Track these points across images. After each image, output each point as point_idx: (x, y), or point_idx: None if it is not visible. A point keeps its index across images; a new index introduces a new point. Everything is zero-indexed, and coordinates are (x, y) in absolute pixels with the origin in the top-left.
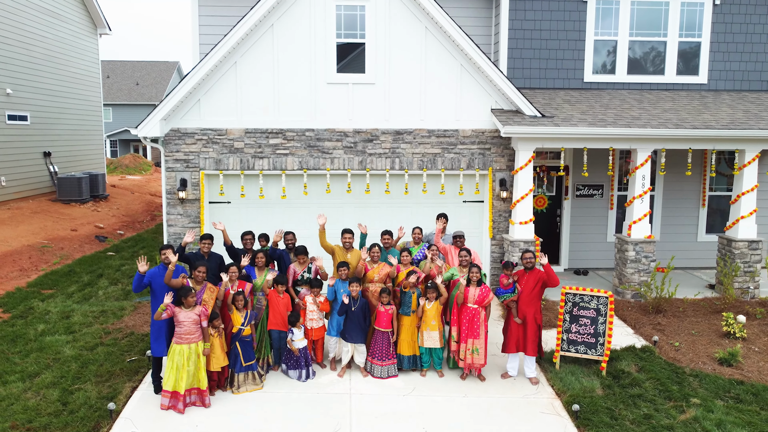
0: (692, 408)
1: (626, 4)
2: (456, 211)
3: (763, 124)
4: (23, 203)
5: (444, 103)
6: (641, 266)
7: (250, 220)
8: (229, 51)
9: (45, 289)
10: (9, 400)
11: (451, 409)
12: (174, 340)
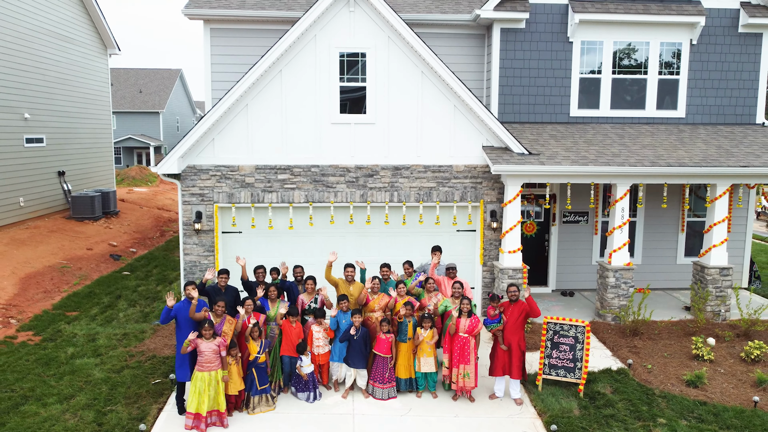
0: (659, 427)
1: (609, 44)
2: (450, 240)
3: (733, 161)
4: (40, 222)
5: (439, 140)
6: (621, 291)
7: (260, 248)
8: (241, 95)
9: (69, 311)
10: (51, 422)
11: (444, 429)
12: (196, 368)
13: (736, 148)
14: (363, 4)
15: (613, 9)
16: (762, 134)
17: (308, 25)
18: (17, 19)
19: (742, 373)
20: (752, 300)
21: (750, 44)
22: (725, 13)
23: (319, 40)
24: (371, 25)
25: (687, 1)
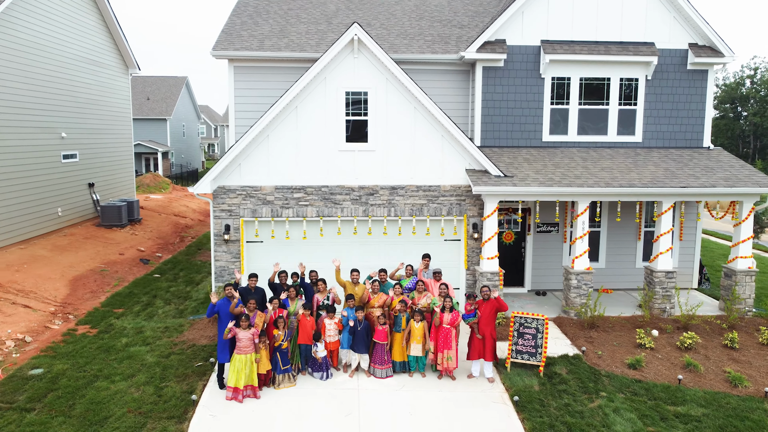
0: (599, 399)
1: (575, 80)
2: (438, 248)
3: (675, 183)
4: (75, 229)
5: (429, 164)
6: (582, 291)
7: (278, 255)
8: (263, 128)
9: (116, 309)
10: (120, 394)
11: (430, 400)
12: (235, 351)
13: (680, 171)
14: (365, 51)
15: (578, 50)
16: (706, 157)
17: (320, 70)
18: (57, 49)
19: (675, 358)
20: (697, 298)
21: (697, 79)
22: (675, 53)
23: (329, 82)
24: (372, 69)
25: (642, 43)
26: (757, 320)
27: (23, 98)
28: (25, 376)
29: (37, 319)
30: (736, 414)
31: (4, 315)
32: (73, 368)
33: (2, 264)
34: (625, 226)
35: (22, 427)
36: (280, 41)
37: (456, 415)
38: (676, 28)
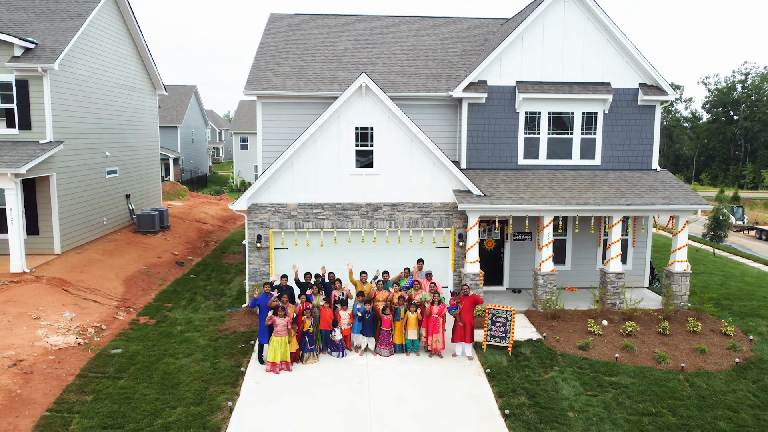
0: (553, 372)
1: (545, 113)
2: (431, 254)
3: (623, 201)
4: (116, 236)
5: (423, 185)
6: (547, 289)
7: (300, 259)
8: (288, 157)
9: (166, 303)
10: (184, 367)
11: (423, 373)
12: (273, 334)
13: (629, 190)
14: (371, 95)
15: (547, 89)
16: (652, 178)
17: (334, 110)
18: (103, 79)
19: (617, 342)
20: (646, 294)
21: (646, 113)
22: (628, 91)
23: (342, 120)
24: (376, 109)
25: (600, 83)
26: (689, 313)
27: (80, 124)
28: (109, 354)
29: (106, 312)
30: (656, 383)
31: (81, 308)
32: (144, 348)
33: (68, 266)
34: (588, 234)
35: (117, 389)
36: (299, 80)
37: (442, 383)
38: (628, 70)
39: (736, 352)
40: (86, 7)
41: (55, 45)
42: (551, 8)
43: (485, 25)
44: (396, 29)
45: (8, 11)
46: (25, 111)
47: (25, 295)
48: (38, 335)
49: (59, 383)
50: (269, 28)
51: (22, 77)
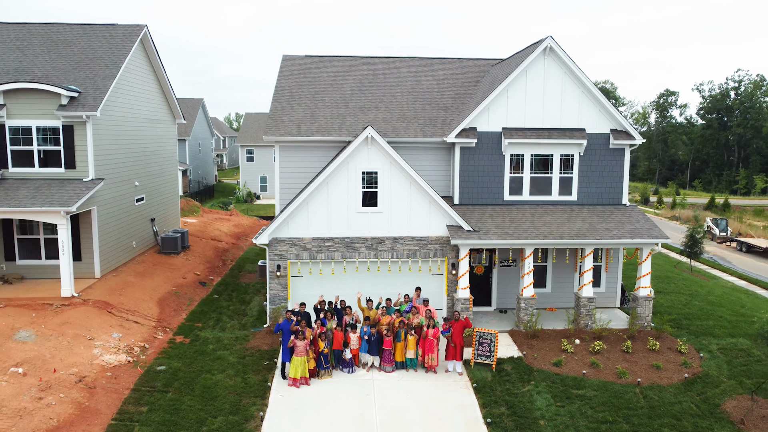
0: (529, 385)
1: (528, 156)
2: (427, 281)
3: (594, 235)
4: (144, 257)
5: (421, 221)
6: (528, 312)
7: (315, 286)
8: (304, 198)
9: (196, 323)
10: (221, 382)
11: (420, 386)
12: (294, 354)
13: (600, 225)
14: (375, 144)
15: (529, 135)
16: (622, 212)
17: (344, 158)
18: (133, 116)
19: (586, 359)
20: (617, 315)
21: (617, 155)
22: (601, 136)
23: (350, 165)
24: (380, 156)
25: (576, 129)
26: (651, 332)
27: (115, 160)
28: (155, 371)
29: (147, 332)
30: (615, 395)
31: (125, 329)
32: (184, 366)
33: (108, 289)
34: (565, 261)
35: (166, 401)
36: (311, 125)
37: (436, 396)
38: (601, 118)
39: (687, 368)
40: (120, 54)
41: (96, 93)
42: (533, 65)
43: (477, 66)
44: (397, 71)
45: (51, 59)
46: (71, 152)
47: (77, 317)
48: (95, 354)
49: (118, 396)
50: (282, 70)
51: (68, 123)
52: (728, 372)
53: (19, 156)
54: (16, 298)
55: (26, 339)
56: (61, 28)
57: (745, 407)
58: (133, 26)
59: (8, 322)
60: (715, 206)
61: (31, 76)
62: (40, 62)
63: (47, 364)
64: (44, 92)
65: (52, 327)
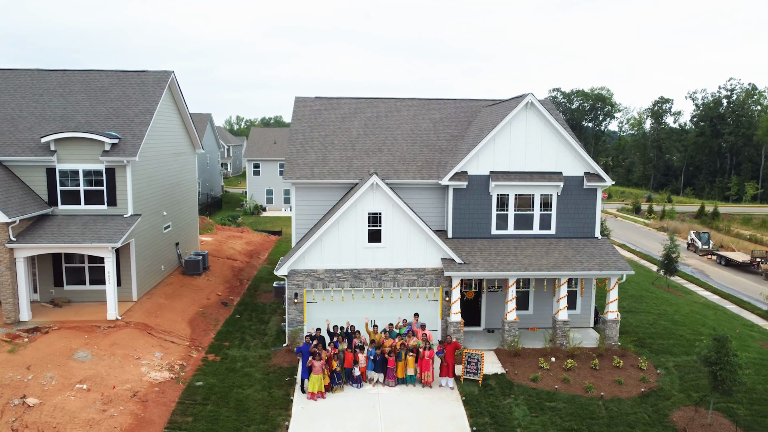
0: (509, 398)
1: (512, 195)
2: (425, 306)
3: (567, 267)
4: (171, 279)
5: (419, 255)
6: (511, 333)
7: (327, 311)
8: (319, 236)
9: (224, 342)
10: (251, 396)
11: (417, 399)
12: (312, 372)
13: (574, 257)
14: (379, 190)
15: (513, 178)
16: (594, 245)
17: (353, 202)
18: (161, 153)
19: (559, 375)
20: (590, 334)
21: (590, 194)
22: (576, 179)
23: (358, 208)
24: (384, 199)
25: (555, 172)
26: (617, 351)
27: (149, 195)
28: (195, 386)
29: (183, 351)
30: (581, 407)
31: (164, 349)
32: (218, 381)
33: (145, 312)
34: (544, 287)
35: (207, 412)
36: (323, 168)
37: (431, 407)
38: (576, 163)
39: (645, 383)
40: (152, 101)
41: (134, 139)
42: (516, 117)
43: (470, 107)
44: (397, 112)
45: (92, 105)
46: (112, 192)
47: (123, 339)
48: (143, 372)
49: (167, 408)
50: (296, 112)
51: (110, 166)
52: (679, 386)
53: (67, 195)
54: (67, 321)
55: (84, 359)
56: (98, 75)
57: (689, 417)
58: (161, 72)
59: (66, 344)
60: (705, 215)
61: (75, 122)
62: (82, 108)
63: (105, 381)
64: (90, 140)
65: (103, 348)
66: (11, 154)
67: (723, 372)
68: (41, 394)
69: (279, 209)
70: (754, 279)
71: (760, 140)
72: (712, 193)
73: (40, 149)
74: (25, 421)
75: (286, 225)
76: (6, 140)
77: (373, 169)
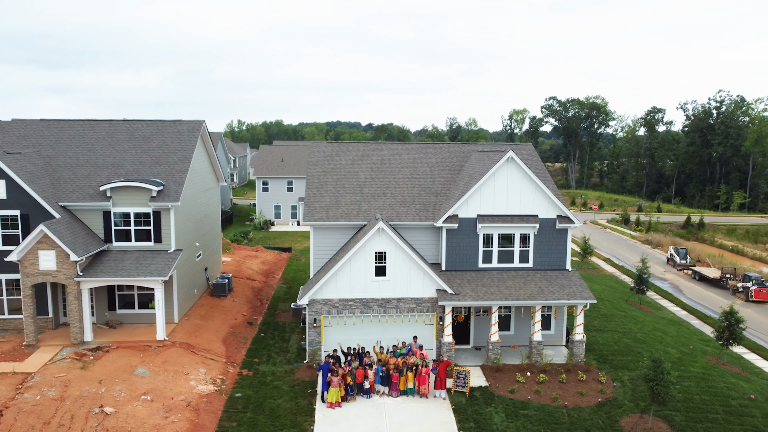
0: (490, 407)
1: (496, 235)
2: (422, 329)
3: (541, 297)
4: (202, 301)
5: (417, 286)
6: (494, 352)
7: (341, 333)
8: (333, 273)
9: (254, 359)
10: (281, 405)
11: (416, 408)
12: (331, 386)
13: (547, 288)
14: (384, 233)
15: (497, 220)
16: (564, 277)
17: (363, 244)
18: (195, 192)
19: (532, 388)
20: (561, 352)
21: (562, 234)
22: (549, 221)
23: (366, 248)
24: (388, 241)
25: (531, 215)
26: (582, 366)
27: (186, 231)
28: (235, 397)
29: (221, 367)
30: (548, 414)
31: (206, 365)
32: (253, 393)
33: (186, 332)
34: (525, 313)
35: (247, 419)
36: (337, 211)
37: (427, 414)
38: (550, 207)
39: (602, 394)
40: (188, 149)
41: (175, 186)
42: (500, 169)
43: (462, 151)
44: (399, 157)
45: (137, 153)
46: (158, 231)
47: (173, 357)
48: (192, 385)
49: (215, 416)
50: (311, 157)
51: (156, 209)
52: (630, 397)
53: (120, 233)
54: (123, 341)
55: (143, 374)
56: (140, 125)
57: (635, 422)
58: (195, 122)
59: (127, 361)
60: (691, 225)
61: (124, 170)
62: (129, 156)
63: (164, 393)
64: (140, 187)
65: (157, 365)
66: (74, 200)
67: (658, 387)
68: (115, 404)
69: (286, 223)
70: (722, 294)
71: (748, 151)
72: (703, 201)
73: (98, 196)
74: (105, 425)
75: (294, 241)
76: (68, 187)
77: (379, 214)
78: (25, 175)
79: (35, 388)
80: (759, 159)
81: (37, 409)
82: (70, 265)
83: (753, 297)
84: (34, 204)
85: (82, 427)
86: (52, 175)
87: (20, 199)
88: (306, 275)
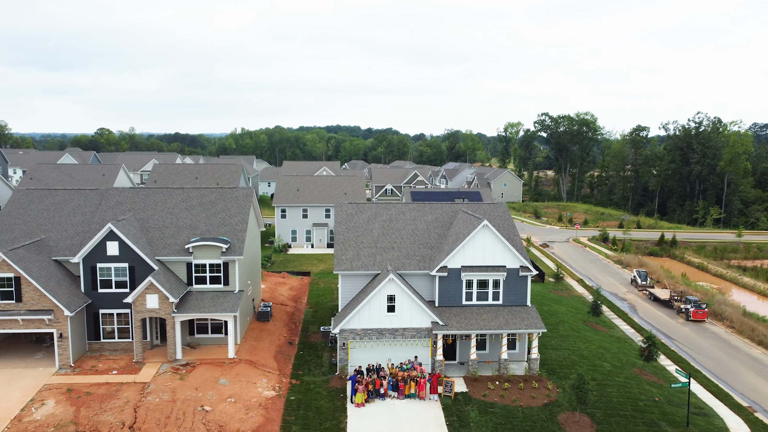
0: (469, 407)
1: (475, 280)
2: (421, 350)
3: (506, 326)
4: (251, 326)
5: (418, 319)
6: (472, 367)
7: (362, 352)
8: (357, 310)
9: (299, 371)
10: (324, 405)
11: (417, 407)
12: (358, 392)
13: (512, 320)
14: (393, 281)
15: (476, 270)
16: (524, 311)
17: (378, 289)
18: (249, 239)
19: (499, 393)
20: (524, 366)
21: (524, 279)
22: (514, 270)
23: (381, 292)
24: (396, 287)
25: (501, 266)
26: (536, 377)
27: (243, 273)
28: (290, 400)
29: (276, 378)
30: (509, 412)
31: (266, 377)
32: (302, 396)
33: (246, 351)
34: (496, 338)
35: (300, 415)
36: (357, 263)
37: (424, 411)
38: (515, 260)
39: (548, 397)
40: (244, 212)
41: (238, 243)
42: (478, 233)
43: (452, 210)
44: (403, 215)
45: (207, 216)
46: (226, 276)
47: (242, 371)
48: (259, 392)
49: (279, 412)
50: (336, 215)
51: (225, 261)
52: (568, 399)
53: (198, 279)
54: (204, 359)
55: (225, 384)
56: (206, 192)
57: (567, 417)
58: (247, 189)
59: (211, 374)
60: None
61: (200, 230)
62: (201, 219)
63: (242, 397)
64: (214, 245)
65: (232, 376)
66: (166, 255)
67: (581, 393)
68: (210, 404)
69: (302, 246)
70: (669, 314)
71: (723, 170)
72: (683, 215)
73: (182, 251)
74: (207, 419)
75: (311, 264)
76: (160, 245)
77: (389, 266)
78: (131, 237)
79: (153, 393)
80: (733, 177)
81: (159, 408)
82: (169, 305)
83: (691, 317)
84: (138, 258)
85: (192, 420)
86: (147, 235)
87: (128, 255)
88: (326, 299)
